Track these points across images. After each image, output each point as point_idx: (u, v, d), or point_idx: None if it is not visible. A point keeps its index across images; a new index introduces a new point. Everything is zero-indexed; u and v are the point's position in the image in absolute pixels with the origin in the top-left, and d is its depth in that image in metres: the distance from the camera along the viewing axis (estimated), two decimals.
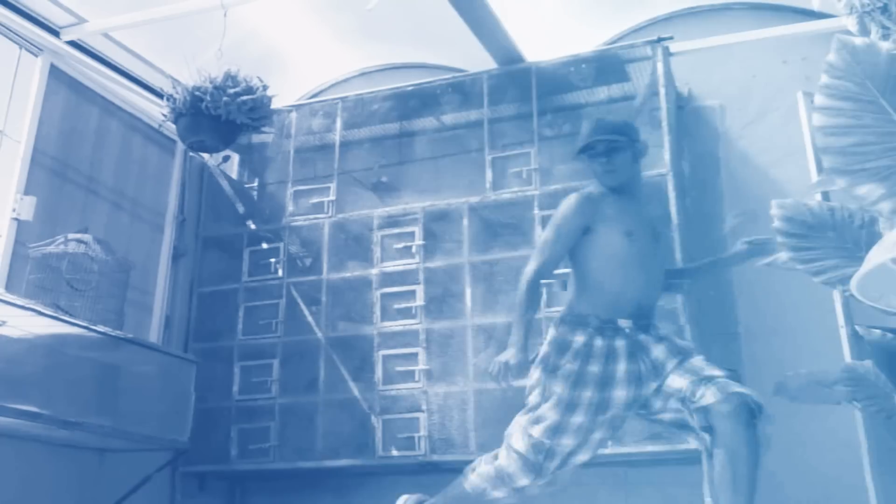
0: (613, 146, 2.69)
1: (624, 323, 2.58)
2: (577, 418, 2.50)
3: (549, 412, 2.52)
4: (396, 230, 4.08)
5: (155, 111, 4.06)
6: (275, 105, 3.61)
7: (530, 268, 2.64)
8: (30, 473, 3.37)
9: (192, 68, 3.40)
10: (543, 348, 2.62)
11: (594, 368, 2.51)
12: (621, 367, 2.52)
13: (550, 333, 2.65)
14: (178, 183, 4.44)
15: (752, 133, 4.06)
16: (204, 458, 3.98)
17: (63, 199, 3.73)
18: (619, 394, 2.51)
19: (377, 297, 3.99)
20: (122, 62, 4.08)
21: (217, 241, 4.50)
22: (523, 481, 2.55)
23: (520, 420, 2.60)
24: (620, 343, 2.55)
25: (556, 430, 2.51)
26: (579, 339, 2.56)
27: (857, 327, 3.30)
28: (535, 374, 2.60)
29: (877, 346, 3.06)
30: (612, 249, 2.63)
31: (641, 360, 2.54)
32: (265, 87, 3.49)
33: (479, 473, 2.63)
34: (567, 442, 2.52)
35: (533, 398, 2.59)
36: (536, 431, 2.52)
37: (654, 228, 2.76)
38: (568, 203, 2.69)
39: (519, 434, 2.57)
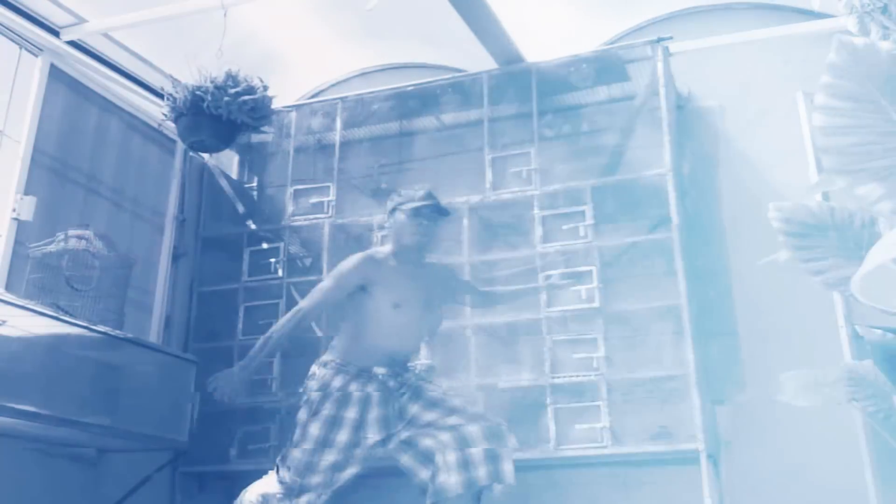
0: (438, 218, 3.02)
1: (379, 370, 2.90)
2: (330, 457, 2.82)
3: (303, 451, 2.83)
4: None
5: (155, 111, 4.06)
6: (275, 105, 3.61)
7: (304, 305, 2.92)
8: (30, 473, 3.37)
9: (192, 68, 3.40)
10: (312, 391, 2.90)
11: (350, 414, 2.83)
12: (373, 414, 2.85)
13: (314, 372, 2.96)
14: (178, 183, 4.45)
15: (751, 133, 4.05)
16: (204, 459, 3.98)
17: (63, 198, 3.73)
18: (371, 436, 2.85)
19: None
20: (122, 62, 4.09)
21: (217, 241, 4.50)
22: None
23: (292, 451, 2.88)
24: (373, 390, 2.87)
25: (307, 467, 2.82)
26: (337, 383, 2.87)
27: (857, 327, 3.30)
28: (301, 413, 2.91)
29: (877, 346, 3.06)
30: (378, 315, 2.91)
31: (391, 406, 2.89)
32: (266, 87, 3.49)
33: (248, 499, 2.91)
34: (316, 479, 2.83)
35: (296, 435, 2.89)
36: (291, 467, 2.84)
37: (431, 297, 3.04)
38: (351, 259, 2.97)
39: (281, 466, 2.89)
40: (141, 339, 3.78)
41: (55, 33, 3.71)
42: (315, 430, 2.84)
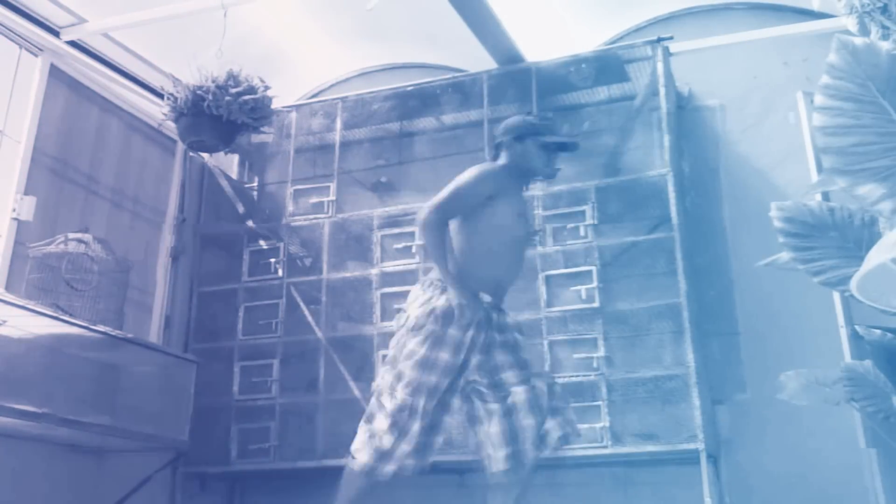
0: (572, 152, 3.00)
1: (484, 297, 2.74)
2: (433, 378, 2.61)
3: (409, 371, 2.63)
4: (396, 230, 4.08)
5: (155, 111, 4.06)
6: (275, 105, 3.61)
7: (434, 216, 2.70)
8: (30, 473, 3.37)
9: (192, 68, 3.40)
10: (415, 310, 2.71)
11: (453, 332, 2.64)
12: (472, 335, 2.66)
13: (418, 293, 2.76)
14: (178, 183, 4.44)
15: (751, 133, 4.06)
16: (204, 459, 3.98)
17: (63, 199, 3.73)
18: (471, 359, 2.68)
19: (377, 297, 3.99)
20: (122, 62, 4.08)
21: (217, 240, 4.50)
22: (388, 440, 2.61)
23: (387, 377, 2.70)
24: (478, 314, 2.68)
25: (416, 389, 2.61)
26: (442, 302, 2.67)
27: (857, 327, 3.30)
28: (402, 336, 2.72)
29: (877, 346, 3.06)
30: (503, 225, 2.79)
31: (488, 333, 2.71)
32: (266, 88, 3.49)
33: (357, 444, 2.69)
34: (425, 404, 2.61)
35: (392, 351, 2.72)
36: (399, 391, 2.63)
37: (528, 222, 3.02)
38: (477, 170, 2.82)
39: (387, 392, 2.67)
40: (141, 339, 3.78)
41: (55, 33, 3.71)
42: (419, 348, 2.65)
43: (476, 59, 4.13)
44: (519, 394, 2.72)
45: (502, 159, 2.96)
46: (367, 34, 4.57)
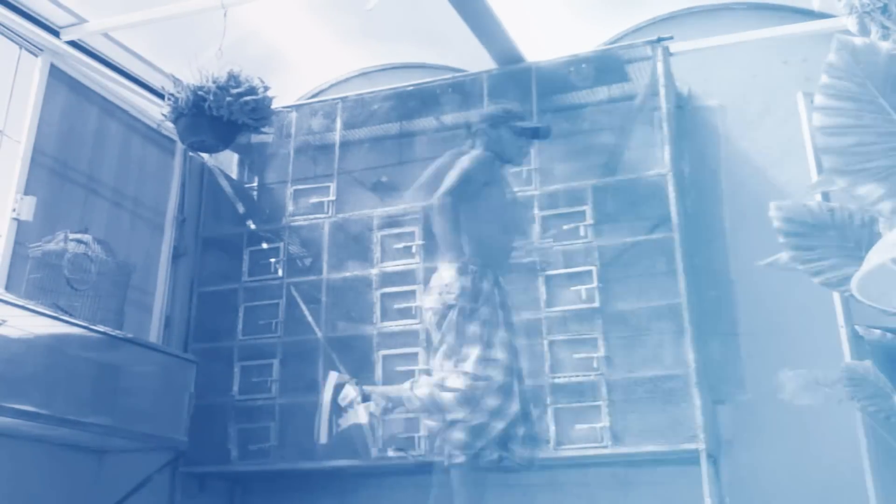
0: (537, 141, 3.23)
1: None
2: (498, 354, 2.84)
3: (474, 351, 2.81)
4: (396, 230, 4.08)
5: (155, 111, 4.06)
6: (275, 105, 3.61)
7: (448, 198, 2.91)
8: (30, 474, 3.37)
9: (192, 68, 3.40)
10: (462, 296, 2.87)
11: (498, 311, 2.90)
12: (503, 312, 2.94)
13: (452, 279, 2.90)
14: (178, 183, 4.44)
15: (751, 133, 4.06)
16: (204, 459, 3.98)
17: (63, 199, 3.73)
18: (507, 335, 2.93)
19: (377, 297, 3.99)
20: (122, 62, 4.08)
21: (217, 241, 4.50)
22: (457, 414, 2.79)
23: (445, 364, 2.86)
24: (499, 291, 2.97)
25: (485, 363, 2.81)
26: (483, 286, 2.90)
27: (857, 327, 3.30)
28: (451, 316, 2.86)
29: (877, 346, 3.06)
30: (500, 208, 3.05)
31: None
32: (266, 88, 3.49)
33: (419, 395, 2.87)
34: (496, 375, 2.80)
35: (449, 338, 2.87)
36: (469, 367, 2.79)
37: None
38: (477, 157, 3.07)
39: (453, 375, 2.81)
40: (141, 339, 3.78)
41: (55, 33, 3.71)
42: (477, 329, 2.83)
43: (476, 59, 4.14)
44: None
45: (478, 147, 3.14)
46: (367, 34, 4.57)
